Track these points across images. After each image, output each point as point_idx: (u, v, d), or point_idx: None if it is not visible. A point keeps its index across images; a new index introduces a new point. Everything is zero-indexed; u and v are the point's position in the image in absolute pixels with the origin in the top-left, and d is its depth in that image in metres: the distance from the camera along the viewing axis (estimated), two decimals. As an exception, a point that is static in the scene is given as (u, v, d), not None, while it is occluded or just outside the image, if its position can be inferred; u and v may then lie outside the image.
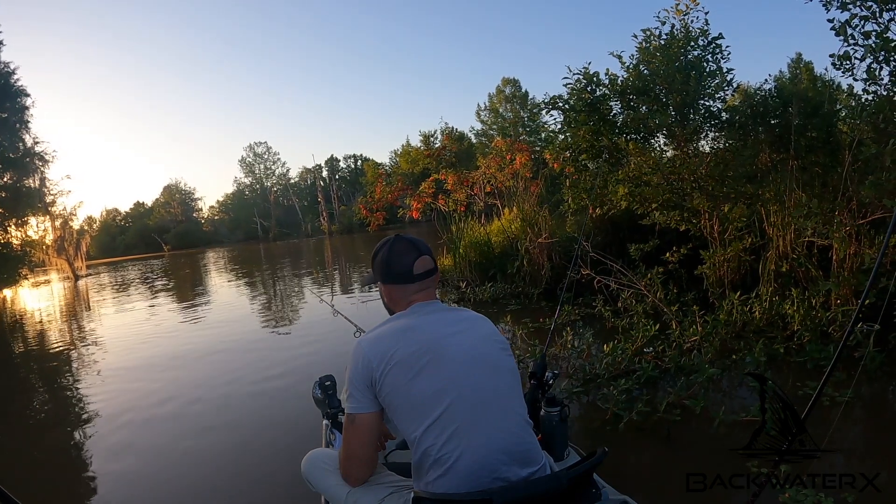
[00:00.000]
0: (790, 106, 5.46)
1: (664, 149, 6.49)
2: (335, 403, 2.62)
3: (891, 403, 3.69)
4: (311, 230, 62.68)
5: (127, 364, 7.19)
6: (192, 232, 71.35)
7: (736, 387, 4.03)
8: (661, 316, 5.16)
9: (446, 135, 48.48)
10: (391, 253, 1.79)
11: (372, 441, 1.69)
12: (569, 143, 6.56)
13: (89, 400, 5.61)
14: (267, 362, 6.41)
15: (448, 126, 52.88)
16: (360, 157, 76.45)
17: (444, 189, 11.65)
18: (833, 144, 5.41)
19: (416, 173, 42.08)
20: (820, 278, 4.81)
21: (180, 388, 5.73)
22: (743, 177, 5.56)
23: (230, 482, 3.48)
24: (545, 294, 7.71)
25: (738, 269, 5.67)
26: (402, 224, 37.17)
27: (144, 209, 77.69)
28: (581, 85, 6.12)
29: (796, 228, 5.06)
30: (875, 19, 4.24)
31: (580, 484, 1.53)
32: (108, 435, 4.53)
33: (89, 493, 3.59)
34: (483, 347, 1.67)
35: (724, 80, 5.79)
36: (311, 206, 69.64)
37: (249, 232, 69.83)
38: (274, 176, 77.50)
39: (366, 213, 13.67)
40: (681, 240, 6.26)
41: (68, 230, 30.85)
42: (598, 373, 4.12)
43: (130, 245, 68.05)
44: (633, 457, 3.16)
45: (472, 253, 9.18)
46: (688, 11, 5.72)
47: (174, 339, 8.66)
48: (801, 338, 4.40)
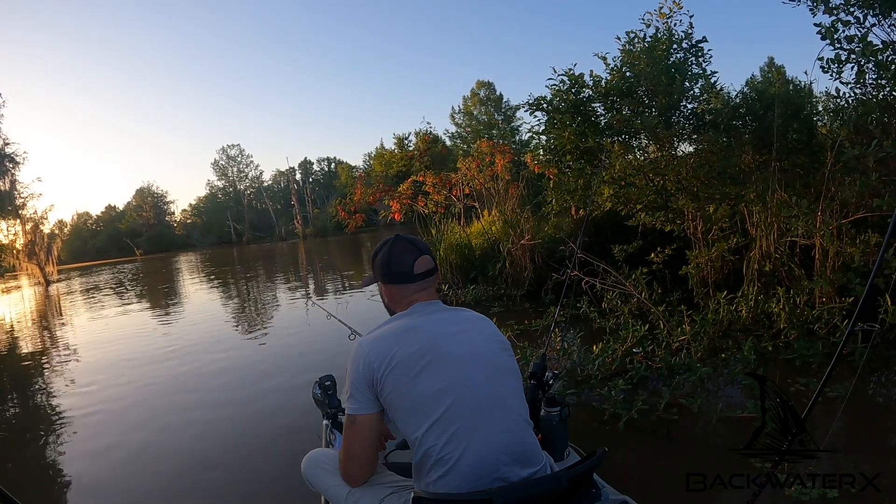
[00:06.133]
0: (771, 108, 5.52)
1: (647, 151, 6.52)
2: (335, 403, 2.60)
3: (877, 397, 3.75)
4: (285, 233, 62.09)
5: (101, 370, 7.03)
6: (164, 236, 70.36)
7: (727, 385, 4.07)
8: (648, 316, 5.17)
9: (420, 138, 48.65)
10: (391, 253, 1.77)
11: (372, 441, 1.68)
12: (552, 144, 6.55)
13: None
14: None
15: (429, 126, 52.98)
16: (334, 159, 76.51)
17: (422, 191, 11.60)
18: (815, 146, 5.49)
19: (391, 175, 42.04)
20: (803, 277, 4.88)
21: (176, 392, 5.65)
22: (726, 178, 5.60)
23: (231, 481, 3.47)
24: (528, 296, 7.70)
25: (721, 269, 5.73)
26: (377, 227, 37.16)
27: (116, 213, 76.22)
28: (565, 86, 6.11)
29: (779, 228, 5.12)
30: (859, 23, 4.31)
31: (580, 484, 1.53)
32: (102, 436, 4.50)
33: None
34: (484, 347, 1.66)
35: (709, 82, 5.83)
36: (284, 210, 68.97)
37: (222, 235, 68.95)
38: (247, 179, 76.73)
39: (344, 215, 13.57)
40: (664, 240, 6.30)
41: (39, 234, 30.25)
42: (590, 374, 4.13)
43: (102, 249, 66.44)
44: (633, 457, 3.16)
45: (452, 255, 9.14)
46: (671, 14, 5.75)
47: (173, 350, 8.45)
48: (787, 335, 4.46)
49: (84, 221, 76.82)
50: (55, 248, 32.29)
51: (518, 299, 7.67)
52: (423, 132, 50.41)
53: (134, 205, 75.33)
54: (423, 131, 50.70)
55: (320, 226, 57.23)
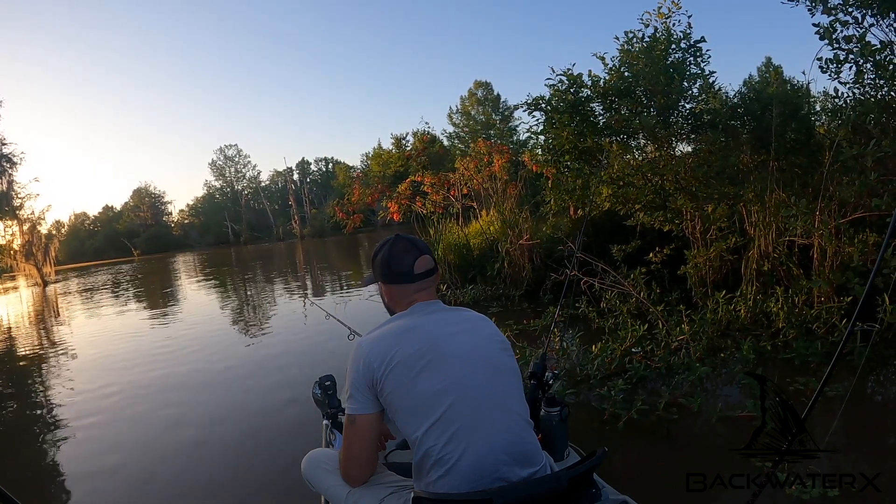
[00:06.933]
0: (769, 108, 5.52)
1: (645, 151, 6.52)
2: (335, 403, 2.61)
3: (876, 397, 3.75)
4: (282, 234, 62.02)
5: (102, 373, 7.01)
6: (161, 236, 70.21)
7: (726, 384, 4.06)
8: (647, 316, 5.17)
9: (418, 138, 48.60)
10: (391, 252, 1.77)
11: (372, 442, 1.68)
12: (551, 144, 6.55)
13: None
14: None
15: (427, 126, 52.93)
16: (332, 160, 76.36)
17: (420, 191, 11.58)
18: (813, 146, 5.50)
19: (389, 175, 42.01)
20: (802, 277, 4.88)
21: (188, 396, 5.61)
22: (725, 178, 5.60)
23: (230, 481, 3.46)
24: (526, 296, 7.70)
25: (720, 269, 5.73)
26: (375, 228, 37.11)
27: (113, 213, 76.15)
28: (564, 86, 6.11)
29: (778, 228, 5.12)
30: (858, 23, 4.32)
31: (580, 484, 1.53)
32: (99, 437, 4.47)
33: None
34: (484, 347, 1.66)
35: (707, 82, 5.83)
36: (282, 210, 68.92)
37: (220, 236, 68.80)
38: (245, 179, 76.70)
39: (342, 216, 13.54)
40: (662, 240, 6.30)
41: (36, 235, 30.18)
42: (589, 374, 4.12)
43: (100, 250, 66.26)
44: (633, 457, 3.15)
45: (450, 255, 9.12)
46: (670, 14, 5.75)
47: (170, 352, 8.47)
48: (786, 335, 4.46)
49: (81, 222, 76.70)
50: (52, 248, 32.21)
51: (516, 299, 7.65)
52: (421, 132, 50.39)
53: (131, 205, 75.30)
54: (421, 131, 50.69)
55: (318, 226, 57.16)
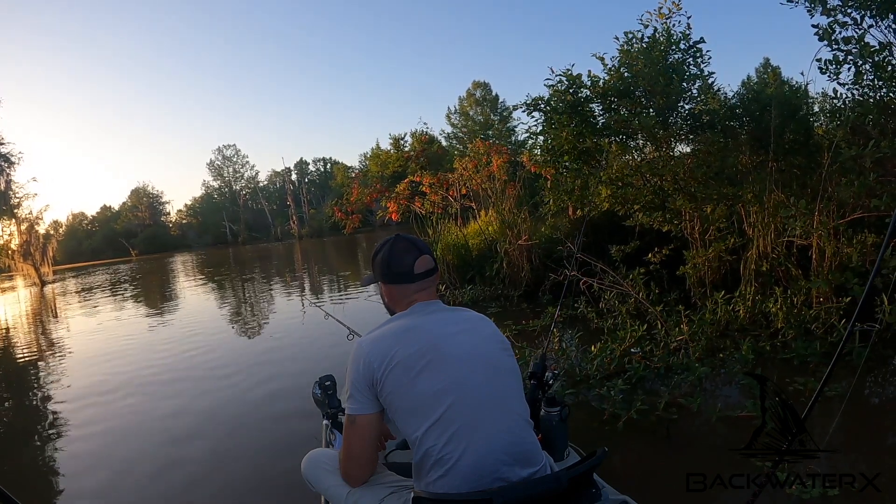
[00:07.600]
0: (768, 109, 5.52)
1: (644, 151, 6.51)
2: (335, 403, 2.60)
3: (875, 397, 3.74)
4: (280, 234, 61.99)
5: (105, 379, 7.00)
6: (160, 236, 70.01)
7: (725, 384, 4.07)
8: (646, 316, 5.18)
9: (416, 138, 48.56)
10: (392, 252, 1.77)
11: (372, 441, 1.68)
12: (550, 144, 6.55)
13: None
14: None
15: (426, 126, 52.82)
16: (330, 160, 76.46)
17: (419, 191, 11.56)
18: (811, 147, 5.50)
19: (387, 176, 41.98)
20: (800, 277, 4.89)
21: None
22: (723, 178, 5.61)
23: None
24: (525, 296, 7.70)
25: (719, 269, 5.74)
26: (374, 228, 37.12)
27: (111, 213, 75.94)
28: (563, 86, 6.11)
29: (776, 228, 5.13)
30: (856, 24, 4.32)
31: (580, 484, 1.53)
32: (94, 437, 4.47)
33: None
34: (484, 347, 1.66)
35: (706, 83, 5.82)
36: (280, 210, 68.85)
37: (218, 236, 68.72)
38: (243, 179, 76.49)
39: (340, 216, 13.49)
40: (661, 241, 6.30)
41: (34, 234, 30.16)
42: (589, 374, 4.13)
43: (97, 250, 66.01)
44: (633, 457, 3.15)
45: (449, 255, 9.12)
46: (670, 15, 5.75)
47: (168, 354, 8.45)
48: (785, 335, 4.47)
49: (79, 222, 76.47)
50: (50, 248, 32.19)
51: (515, 300, 7.66)
52: (420, 132, 50.33)
53: (129, 205, 75.09)
54: (420, 132, 50.62)
55: (316, 226, 57.17)
